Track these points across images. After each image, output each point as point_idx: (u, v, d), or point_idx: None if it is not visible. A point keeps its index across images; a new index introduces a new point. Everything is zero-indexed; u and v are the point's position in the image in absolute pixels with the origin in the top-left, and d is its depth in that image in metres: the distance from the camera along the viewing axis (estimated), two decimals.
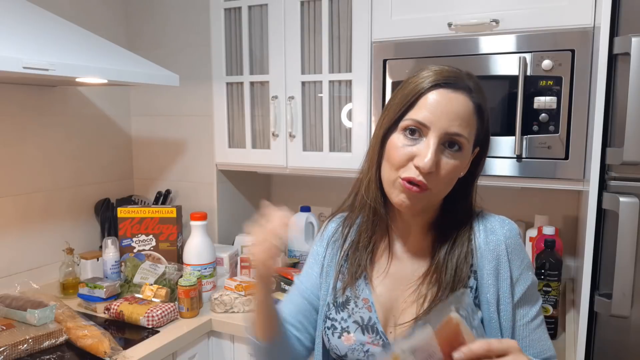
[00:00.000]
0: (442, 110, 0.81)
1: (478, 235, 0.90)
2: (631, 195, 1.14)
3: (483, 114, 0.86)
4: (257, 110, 1.89)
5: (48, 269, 1.85)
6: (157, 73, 1.63)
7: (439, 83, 0.83)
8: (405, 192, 0.83)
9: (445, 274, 0.87)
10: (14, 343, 1.29)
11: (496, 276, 0.87)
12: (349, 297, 0.93)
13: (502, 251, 0.88)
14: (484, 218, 0.92)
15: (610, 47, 1.15)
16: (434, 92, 0.83)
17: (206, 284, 1.70)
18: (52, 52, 1.32)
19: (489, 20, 1.43)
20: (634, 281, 1.15)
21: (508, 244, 0.88)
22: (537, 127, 1.41)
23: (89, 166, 2.01)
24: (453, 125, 0.81)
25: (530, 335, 0.89)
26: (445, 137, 0.82)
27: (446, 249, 0.88)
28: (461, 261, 0.87)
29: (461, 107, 0.82)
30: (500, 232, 0.89)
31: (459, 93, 0.83)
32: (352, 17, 1.64)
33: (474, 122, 0.84)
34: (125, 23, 2.12)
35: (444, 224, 0.91)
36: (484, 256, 0.88)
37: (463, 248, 0.88)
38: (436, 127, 0.81)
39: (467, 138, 0.83)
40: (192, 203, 2.06)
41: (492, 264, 0.87)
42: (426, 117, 0.82)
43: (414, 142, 0.83)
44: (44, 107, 1.83)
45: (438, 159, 0.81)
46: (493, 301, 0.87)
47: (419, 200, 0.84)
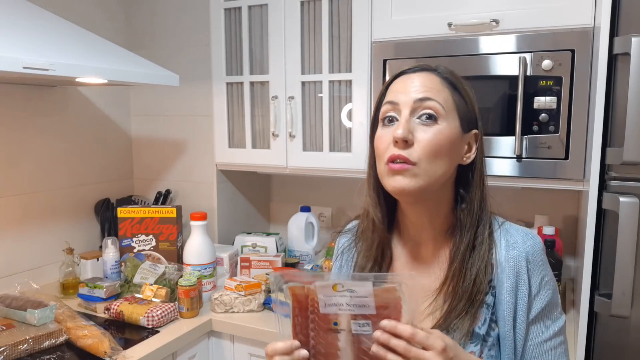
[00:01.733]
0: (407, 86, 0.84)
1: (499, 249, 0.86)
2: (631, 195, 1.14)
3: (457, 88, 0.85)
4: (257, 110, 1.89)
5: (48, 269, 1.85)
6: (157, 73, 1.63)
7: (405, 71, 0.87)
8: (393, 174, 0.81)
9: (462, 282, 0.84)
10: (14, 343, 1.29)
11: (515, 293, 0.84)
12: None
13: (522, 267, 0.84)
14: (507, 231, 0.88)
15: (610, 47, 1.15)
16: (399, 78, 0.87)
17: (206, 284, 1.70)
18: (52, 52, 1.32)
19: (489, 20, 1.43)
20: (634, 281, 1.15)
21: (529, 259, 0.85)
22: (537, 127, 1.41)
23: (89, 166, 2.01)
24: (419, 92, 0.82)
25: (541, 356, 0.85)
26: (414, 105, 0.82)
27: (464, 259, 0.85)
28: (481, 272, 0.84)
29: (426, 79, 0.84)
30: (522, 248, 0.85)
31: (423, 72, 0.86)
32: (352, 17, 1.64)
33: (446, 91, 0.84)
34: (125, 23, 2.12)
35: (459, 227, 0.87)
36: (504, 272, 0.84)
37: (483, 259, 0.85)
38: (404, 101, 0.83)
39: (439, 102, 0.82)
40: (192, 203, 2.06)
41: (512, 281, 0.84)
42: (393, 96, 0.84)
43: (392, 126, 0.84)
44: (44, 107, 1.83)
45: (413, 129, 0.81)
46: (509, 318, 0.84)
47: (407, 178, 0.80)
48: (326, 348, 0.78)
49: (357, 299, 0.76)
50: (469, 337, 0.82)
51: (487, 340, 0.83)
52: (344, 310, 0.76)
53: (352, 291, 0.76)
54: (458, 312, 0.83)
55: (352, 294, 0.76)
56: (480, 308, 0.84)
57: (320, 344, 0.79)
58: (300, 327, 0.80)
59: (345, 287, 0.76)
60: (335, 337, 0.78)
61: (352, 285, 0.75)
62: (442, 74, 0.86)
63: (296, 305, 0.80)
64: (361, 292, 0.75)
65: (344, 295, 0.76)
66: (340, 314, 0.77)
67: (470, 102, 0.87)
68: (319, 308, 0.78)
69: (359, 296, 0.75)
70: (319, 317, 0.78)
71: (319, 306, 0.78)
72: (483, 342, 0.83)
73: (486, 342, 0.83)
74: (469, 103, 0.87)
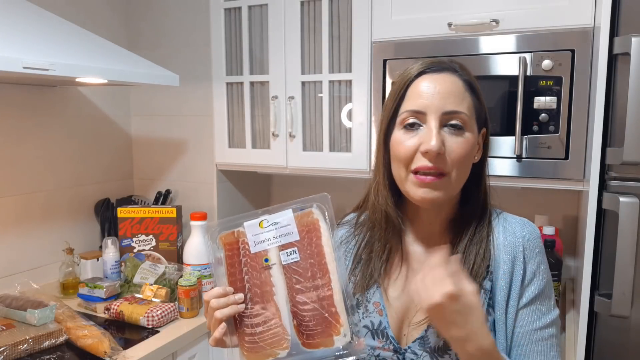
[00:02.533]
0: (433, 93, 0.82)
1: (497, 235, 0.88)
2: (631, 195, 1.14)
3: (475, 91, 0.85)
4: (257, 110, 1.89)
5: (48, 269, 1.85)
6: (157, 73, 1.63)
7: (424, 70, 0.84)
8: (422, 186, 0.82)
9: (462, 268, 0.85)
10: (14, 343, 1.29)
11: (510, 277, 0.85)
12: (359, 301, 0.91)
13: (519, 252, 0.86)
14: (505, 219, 0.90)
15: (610, 47, 1.15)
16: (420, 79, 0.84)
17: (206, 284, 1.70)
18: (52, 52, 1.32)
19: (489, 20, 1.43)
20: (634, 281, 1.15)
21: (526, 246, 0.86)
22: (537, 127, 1.41)
23: (89, 166, 2.01)
24: (448, 103, 0.81)
25: (530, 344, 0.85)
26: (443, 117, 0.81)
27: (465, 245, 0.87)
28: (479, 258, 0.86)
29: (451, 85, 0.82)
30: (520, 234, 0.87)
31: (445, 73, 0.84)
32: (352, 17, 1.64)
33: (468, 97, 0.83)
34: (126, 23, 2.12)
35: (463, 219, 0.89)
36: (501, 257, 0.86)
37: (482, 245, 0.86)
38: (432, 110, 0.81)
39: (466, 114, 0.82)
40: (192, 203, 2.06)
41: (508, 265, 0.85)
42: (420, 104, 0.82)
43: (416, 133, 0.82)
44: (44, 107, 1.83)
45: (443, 139, 0.80)
46: (503, 302, 0.85)
47: (438, 190, 0.82)
48: (261, 287, 0.84)
49: (282, 228, 0.83)
50: None
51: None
52: (272, 244, 0.84)
53: (276, 223, 0.83)
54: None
55: (277, 225, 0.83)
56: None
57: (255, 284, 0.84)
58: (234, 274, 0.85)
59: (270, 222, 0.83)
60: (268, 274, 0.84)
61: (276, 217, 0.83)
62: (463, 77, 0.84)
63: (228, 252, 0.85)
64: (284, 222, 0.83)
65: (269, 230, 0.83)
66: (269, 248, 0.84)
67: (483, 102, 0.87)
68: (249, 249, 0.84)
69: (283, 226, 0.83)
70: (250, 258, 0.84)
71: (249, 247, 0.84)
72: None
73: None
74: (482, 103, 0.87)
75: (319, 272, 0.83)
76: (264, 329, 0.83)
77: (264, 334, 0.83)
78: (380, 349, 0.88)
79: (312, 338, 0.82)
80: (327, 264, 0.83)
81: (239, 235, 0.85)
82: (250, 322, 0.83)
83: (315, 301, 0.82)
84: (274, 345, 0.82)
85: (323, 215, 0.84)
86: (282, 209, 0.84)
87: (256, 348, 0.82)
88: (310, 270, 0.83)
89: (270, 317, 0.83)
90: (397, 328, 0.88)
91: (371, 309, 0.90)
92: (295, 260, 0.83)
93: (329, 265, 0.83)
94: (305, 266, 0.83)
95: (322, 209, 0.85)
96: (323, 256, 0.83)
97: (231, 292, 0.83)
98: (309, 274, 0.83)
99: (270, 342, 0.82)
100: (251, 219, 0.85)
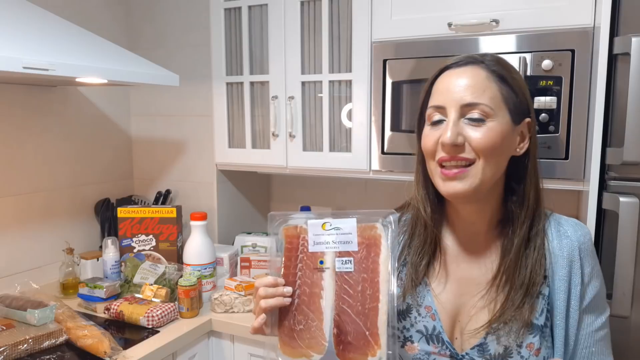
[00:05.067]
0: (451, 87, 0.82)
1: (551, 239, 0.87)
2: (631, 195, 1.14)
3: (505, 79, 0.83)
4: (257, 110, 1.89)
5: (48, 269, 1.85)
6: (157, 73, 1.63)
7: (448, 65, 0.85)
8: (447, 179, 0.82)
9: (517, 276, 0.84)
10: (14, 343, 1.29)
11: (568, 281, 0.84)
12: (410, 305, 0.90)
13: (575, 256, 0.85)
14: (557, 222, 0.89)
15: (610, 47, 1.15)
16: (444, 75, 0.85)
17: (206, 284, 1.70)
18: (52, 52, 1.32)
19: (489, 20, 1.43)
20: (634, 281, 1.15)
21: (582, 248, 0.86)
22: (537, 127, 1.40)
23: (89, 166, 2.01)
24: (466, 95, 0.81)
25: (592, 346, 0.85)
26: (462, 110, 0.81)
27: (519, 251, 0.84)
28: (537, 263, 0.84)
29: (470, 77, 0.82)
30: (574, 237, 0.86)
31: (467, 66, 0.84)
32: (352, 17, 1.64)
33: (493, 87, 0.82)
34: (126, 23, 2.12)
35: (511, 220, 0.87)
36: (557, 262, 0.85)
37: (538, 251, 0.85)
38: (451, 104, 0.82)
39: (487, 104, 0.80)
40: (192, 203, 2.06)
41: (565, 270, 0.84)
42: (440, 99, 0.83)
43: (439, 127, 0.83)
44: (44, 107, 1.83)
45: (462, 131, 0.80)
46: (563, 307, 0.84)
47: (464, 180, 0.81)
48: (311, 287, 0.84)
49: (342, 235, 0.83)
50: (528, 328, 0.82)
51: (545, 331, 0.83)
52: (330, 248, 0.84)
53: (339, 228, 0.83)
54: (515, 304, 0.82)
55: (338, 231, 0.83)
56: (536, 299, 0.84)
57: (306, 283, 0.84)
58: (289, 267, 0.85)
59: (332, 226, 0.84)
60: (320, 276, 0.84)
61: (339, 222, 0.83)
62: (490, 67, 0.83)
63: (288, 245, 0.86)
64: (346, 229, 0.83)
65: (331, 234, 0.84)
66: (327, 252, 0.84)
67: (522, 92, 0.85)
68: (308, 247, 0.84)
69: (344, 233, 0.83)
70: (307, 257, 0.85)
71: (308, 245, 0.84)
72: (541, 333, 0.83)
73: (544, 333, 0.83)
74: (520, 94, 0.85)
75: (370, 289, 0.81)
76: (304, 327, 0.83)
77: (303, 333, 0.83)
78: (436, 354, 0.86)
79: (348, 351, 0.81)
80: (380, 284, 0.81)
81: (300, 231, 0.86)
82: (293, 318, 0.83)
83: (359, 316, 0.81)
84: (310, 346, 0.82)
85: (386, 233, 0.83)
86: (348, 215, 0.84)
87: (292, 344, 0.83)
88: (362, 284, 0.82)
89: (313, 318, 0.83)
90: (450, 331, 0.87)
91: (423, 313, 0.88)
92: (349, 270, 0.82)
93: (381, 285, 0.81)
94: (358, 279, 0.82)
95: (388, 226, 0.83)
96: (377, 274, 0.82)
97: (282, 284, 0.83)
98: (359, 287, 0.82)
99: (307, 342, 0.82)
100: (316, 218, 0.85)
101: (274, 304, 0.82)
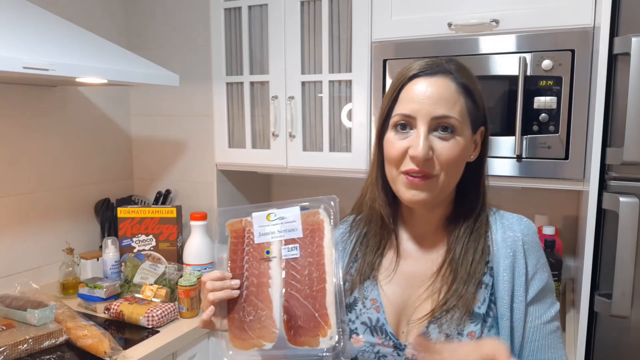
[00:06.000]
0: (423, 97, 0.82)
1: (495, 231, 0.89)
2: (631, 195, 1.14)
3: (471, 92, 0.85)
4: (257, 110, 1.89)
5: (48, 269, 1.85)
6: (157, 73, 1.63)
7: (417, 73, 0.85)
8: (411, 187, 0.83)
9: (460, 267, 0.86)
10: (14, 343, 1.29)
11: (512, 272, 0.86)
12: (356, 298, 0.92)
13: (519, 247, 0.87)
14: (502, 216, 0.92)
15: (610, 47, 1.15)
16: (413, 82, 0.85)
17: None
18: (52, 52, 1.32)
19: (489, 20, 1.43)
20: (634, 281, 1.15)
21: (525, 240, 0.88)
22: (537, 127, 1.41)
23: (89, 166, 2.01)
24: (438, 108, 0.82)
25: (541, 339, 0.86)
26: (433, 122, 0.82)
27: (462, 243, 0.87)
28: (478, 255, 0.87)
29: (442, 89, 0.83)
30: (518, 230, 0.89)
31: (438, 77, 0.84)
32: (352, 17, 1.64)
33: (461, 100, 0.84)
34: (125, 23, 2.12)
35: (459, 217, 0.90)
36: (500, 252, 0.87)
37: (480, 243, 0.88)
38: (422, 115, 0.82)
39: (456, 118, 0.82)
40: (192, 203, 2.06)
41: (509, 260, 0.87)
42: (410, 108, 0.83)
43: (406, 135, 0.84)
44: (44, 107, 1.83)
45: (431, 144, 0.82)
46: (507, 297, 0.85)
47: (427, 190, 0.83)
48: (258, 277, 0.85)
49: (287, 224, 0.85)
50: (469, 316, 0.84)
51: (487, 320, 0.85)
52: (276, 237, 0.86)
53: (283, 218, 0.86)
54: (458, 293, 0.85)
55: (283, 220, 0.86)
56: (479, 288, 0.86)
57: (253, 274, 0.86)
58: (235, 260, 0.87)
59: (277, 216, 0.86)
60: (267, 265, 0.85)
61: (283, 212, 0.86)
62: (457, 79, 0.84)
63: (233, 239, 0.88)
64: (290, 218, 0.85)
65: (275, 224, 0.86)
66: (273, 241, 0.86)
67: (481, 102, 0.88)
68: (254, 239, 0.86)
69: (288, 222, 0.85)
70: (253, 248, 0.86)
71: (254, 237, 0.86)
72: (483, 322, 0.84)
73: (486, 322, 0.85)
74: (480, 104, 0.87)
75: (316, 272, 0.84)
76: (254, 318, 0.84)
77: (253, 324, 0.84)
78: (380, 345, 0.88)
79: (299, 335, 0.82)
80: (325, 265, 0.84)
81: (246, 225, 0.87)
82: (242, 310, 0.85)
83: (307, 299, 0.83)
84: (261, 335, 0.83)
85: (329, 217, 0.86)
86: (291, 205, 0.86)
87: (243, 335, 0.84)
88: (308, 268, 0.84)
89: (262, 308, 0.84)
90: (395, 324, 0.89)
91: (368, 305, 0.91)
92: (295, 256, 0.85)
93: (326, 267, 0.84)
94: (304, 264, 0.84)
95: (329, 211, 0.86)
96: (322, 257, 0.84)
97: (229, 277, 0.85)
98: (306, 272, 0.84)
99: (258, 332, 0.83)
100: (260, 210, 0.87)
101: (221, 297, 0.84)
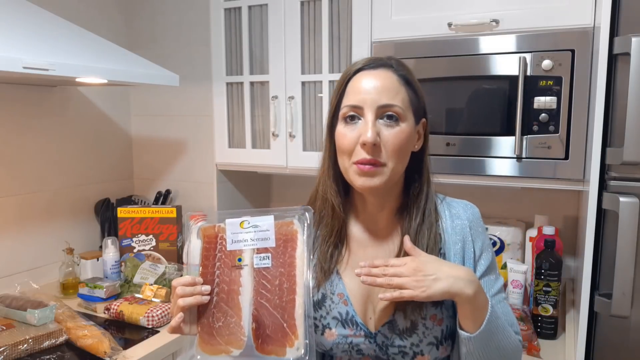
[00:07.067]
0: (369, 88, 0.88)
1: (444, 219, 0.97)
2: (631, 195, 1.14)
3: (411, 84, 0.91)
4: (257, 110, 1.89)
5: (48, 269, 1.85)
6: (157, 73, 1.63)
7: (361, 67, 0.91)
8: (362, 175, 0.88)
9: None
10: (14, 343, 1.29)
11: (462, 256, 0.94)
12: (324, 294, 0.95)
13: (466, 233, 0.95)
14: (449, 204, 0.99)
15: (610, 47, 1.15)
16: (358, 76, 0.90)
17: None
18: (52, 52, 1.32)
19: (489, 20, 1.43)
20: (634, 281, 1.15)
21: (472, 226, 0.96)
22: (537, 127, 1.41)
23: (89, 166, 2.01)
24: (382, 97, 0.87)
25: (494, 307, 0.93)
26: (379, 110, 0.87)
27: (415, 231, 0.93)
28: (431, 242, 0.92)
29: (386, 80, 0.89)
30: (465, 216, 0.97)
31: (380, 70, 0.90)
32: (352, 17, 1.64)
33: (403, 91, 0.90)
34: (125, 23, 2.12)
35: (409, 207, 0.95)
36: (450, 239, 0.95)
37: (432, 230, 0.93)
38: (368, 104, 0.87)
39: (400, 107, 0.88)
40: (192, 203, 2.06)
41: (459, 245, 0.94)
42: (357, 99, 0.88)
43: (355, 126, 0.89)
44: (44, 107, 1.83)
45: (379, 131, 0.87)
46: None
47: (377, 177, 0.87)
48: (229, 285, 0.85)
49: (260, 233, 0.85)
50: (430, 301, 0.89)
51: (445, 302, 0.91)
52: (249, 245, 0.86)
53: (257, 226, 0.85)
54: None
55: (256, 229, 0.85)
56: None
57: (224, 281, 0.86)
58: (207, 266, 0.87)
59: (250, 224, 0.85)
60: (238, 273, 0.85)
61: (257, 220, 0.85)
62: (398, 71, 0.91)
63: (206, 245, 0.87)
64: (264, 226, 0.85)
65: (249, 232, 0.85)
66: (245, 249, 0.86)
67: (421, 94, 0.94)
68: (226, 246, 0.86)
69: (262, 230, 0.85)
70: (225, 255, 0.86)
71: (226, 244, 0.86)
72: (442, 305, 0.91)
73: (445, 304, 0.91)
74: (420, 96, 0.93)
75: (287, 283, 0.84)
76: (223, 324, 0.85)
77: (222, 330, 0.84)
78: (352, 336, 0.92)
79: (267, 344, 0.83)
80: (296, 277, 0.84)
81: (219, 231, 0.87)
82: (212, 315, 0.85)
83: (276, 309, 0.84)
84: (229, 342, 0.84)
85: (303, 227, 0.86)
86: (265, 213, 0.86)
87: (212, 341, 0.84)
88: (279, 278, 0.85)
89: (232, 314, 0.85)
90: (362, 313, 0.93)
91: (336, 300, 0.94)
92: (266, 265, 0.85)
93: (297, 278, 0.84)
94: (275, 274, 0.85)
95: (303, 221, 0.86)
96: (294, 268, 0.85)
97: (200, 283, 0.86)
98: (276, 282, 0.85)
99: (226, 338, 0.84)
100: (233, 217, 0.86)
101: (191, 302, 0.84)
